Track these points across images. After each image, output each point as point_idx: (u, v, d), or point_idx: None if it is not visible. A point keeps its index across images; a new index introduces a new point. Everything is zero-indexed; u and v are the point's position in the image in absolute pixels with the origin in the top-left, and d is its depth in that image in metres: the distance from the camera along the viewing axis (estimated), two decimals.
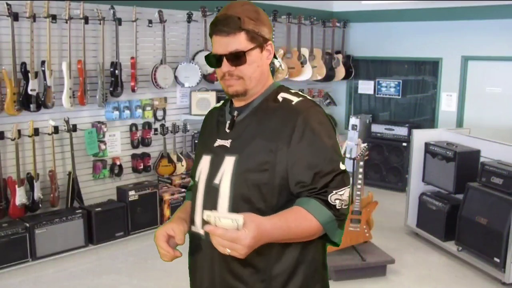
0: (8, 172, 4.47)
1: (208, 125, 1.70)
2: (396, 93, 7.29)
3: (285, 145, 1.46)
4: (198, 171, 1.61)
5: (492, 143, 4.75)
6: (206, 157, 1.60)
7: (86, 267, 4.41)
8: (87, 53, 4.78)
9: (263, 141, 1.49)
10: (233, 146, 1.53)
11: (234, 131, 1.56)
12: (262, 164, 1.48)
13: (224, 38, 1.48)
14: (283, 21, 6.56)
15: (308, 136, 1.46)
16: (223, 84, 1.56)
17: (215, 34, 1.51)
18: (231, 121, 1.57)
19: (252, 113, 1.55)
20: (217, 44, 1.50)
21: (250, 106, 1.57)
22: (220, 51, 1.49)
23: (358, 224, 4.31)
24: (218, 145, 1.57)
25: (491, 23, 6.27)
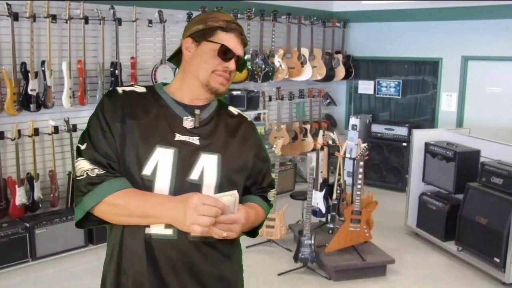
0: (8, 172, 4.47)
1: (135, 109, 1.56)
2: (396, 93, 7.29)
3: (252, 151, 1.67)
4: (150, 163, 1.51)
5: (492, 143, 4.75)
6: (165, 150, 1.52)
7: (86, 267, 4.40)
8: (87, 53, 4.78)
9: (239, 145, 1.63)
10: (206, 144, 1.57)
11: (199, 129, 1.58)
12: (241, 166, 1.63)
13: (239, 42, 1.60)
14: (283, 21, 6.56)
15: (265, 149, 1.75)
16: (214, 79, 1.57)
17: (234, 33, 1.59)
18: (197, 119, 1.59)
19: (215, 117, 1.64)
20: (233, 42, 1.58)
21: (208, 108, 1.64)
22: (237, 51, 1.59)
23: (358, 224, 4.31)
24: (180, 140, 1.54)
25: (491, 23, 6.27)
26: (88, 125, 1.57)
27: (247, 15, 6.04)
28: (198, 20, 1.61)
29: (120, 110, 1.54)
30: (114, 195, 1.47)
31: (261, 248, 4.86)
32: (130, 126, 1.53)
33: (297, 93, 6.85)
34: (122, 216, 1.49)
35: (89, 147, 1.52)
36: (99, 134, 1.52)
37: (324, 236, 4.64)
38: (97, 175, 1.48)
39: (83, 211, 1.49)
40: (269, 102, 6.75)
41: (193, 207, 1.38)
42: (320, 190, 4.80)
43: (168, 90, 1.64)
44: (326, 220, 4.86)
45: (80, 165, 1.51)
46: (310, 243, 4.28)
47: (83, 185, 1.49)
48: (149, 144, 1.52)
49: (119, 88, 1.61)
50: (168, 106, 1.59)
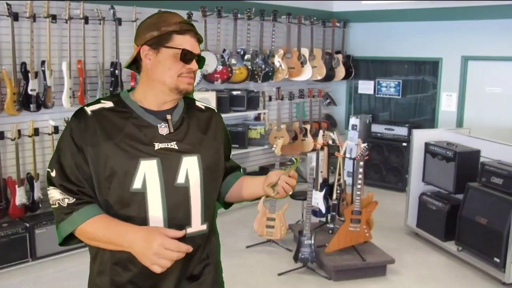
0: (8, 172, 4.47)
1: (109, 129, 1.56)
2: (396, 93, 7.29)
3: (221, 143, 1.77)
4: (138, 177, 1.54)
5: (492, 143, 4.75)
6: (149, 162, 1.54)
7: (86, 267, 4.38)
8: (87, 53, 4.78)
9: (212, 141, 1.72)
10: (185, 147, 1.62)
11: (174, 133, 1.63)
12: (218, 161, 1.74)
13: (195, 41, 1.64)
14: (283, 21, 6.56)
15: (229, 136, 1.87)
16: (182, 81, 1.61)
17: (189, 34, 1.62)
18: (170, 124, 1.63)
19: (185, 116, 1.69)
20: (191, 44, 1.61)
21: (177, 110, 1.68)
22: (195, 51, 1.62)
23: (358, 224, 4.31)
24: (160, 148, 1.58)
25: (491, 23, 6.27)
26: (57, 149, 1.58)
27: (247, 15, 6.04)
28: (150, 26, 1.62)
29: (92, 132, 1.54)
30: (84, 224, 1.52)
31: (261, 248, 4.86)
32: (108, 146, 1.53)
33: (297, 93, 6.85)
34: (94, 241, 1.56)
35: (58, 174, 1.54)
36: (69, 159, 1.54)
37: (324, 236, 4.64)
38: (68, 205, 1.53)
39: (61, 236, 1.57)
40: (269, 102, 6.75)
41: (155, 252, 1.43)
42: (320, 190, 4.80)
43: (135, 98, 1.64)
44: (326, 220, 4.87)
45: (52, 194, 1.55)
46: (310, 243, 4.28)
47: (57, 214, 1.56)
48: (132, 159, 1.54)
49: (87, 109, 1.60)
50: (140, 116, 1.61)
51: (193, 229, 1.61)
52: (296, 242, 4.55)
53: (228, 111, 6.00)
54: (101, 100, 1.64)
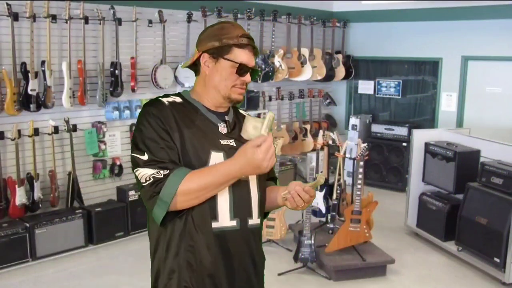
0: (8, 172, 4.47)
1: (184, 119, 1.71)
2: (396, 93, 7.29)
3: None
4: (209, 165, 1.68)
5: (492, 143, 4.75)
6: (217, 154, 1.70)
7: (86, 267, 4.40)
8: (87, 53, 4.78)
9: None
10: (240, 145, 1.70)
11: (231, 133, 1.78)
12: None
13: (252, 55, 1.78)
14: (283, 21, 6.56)
15: None
16: (234, 91, 1.75)
17: (248, 49, 1.75)
18: (228, 124, 1.78)
19: (236, 120, 1.83)
20: (248, 58, 1.75)
21: (230, 114, 1.82)
22: (251, 65, 1.76)
23: (358, 224, 4.31)
24: (224, 144, 1.73)
25: (491, 23, 6.27)
26: (142, 135, 1.66)
27: (247, 15, 6.04)
28: (213, 36, 1.73)
29: (173, 120, 1.68)
30: (184, 182, 1.60)
31: None
32: (187, 134, 1.68)
33: (297, 93, 6.85)
34: (201, 196, 1.64)
35: (152, 158, 1.63)
36: (161, 144, 1.64)
37: (324, 236, 4.64)
38: (164, 175, 1.61)
39: (165, 206, 1.62)
40: (269, 102, 6.75)
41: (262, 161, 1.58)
42: (320, 190, 4.80)
43: (196, 99, 1.78)
44: (326, 220, 4.87)
45: (143, 172, 1.64)
46: (310, 243, 4.28)
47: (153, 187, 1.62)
48: (205, 149, 1.69)
49: (163, 99, 1.74)
50: (204, 114, 1.76)
51: (253, 221, 1.76)
52: (296, 242, 4.55)
53: None
54: (170, 95, 1.78)
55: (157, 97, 1.77)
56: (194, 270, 1.69)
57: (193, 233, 1.68)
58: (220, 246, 1.70)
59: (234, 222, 1.72)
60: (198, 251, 1.68)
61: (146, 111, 1.70)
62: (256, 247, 1.81)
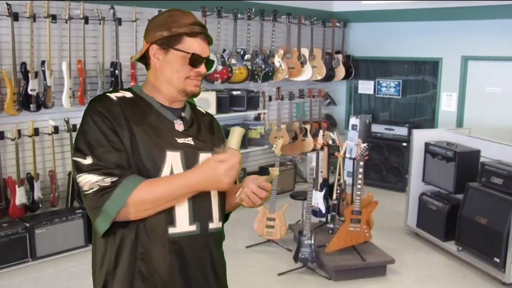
0: (8, 172, 4.47)
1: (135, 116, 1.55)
2: (396, 93, 7.29)
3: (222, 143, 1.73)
4: (166, 167, 1.54)
5: (492, 143, 4.75)
6: (174, 153, 1.55)
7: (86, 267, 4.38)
8: (87, 53, 4.78)
9: (218, 141, 1.71)
10: (200, 144, 1.64)
11: (188, 130, 1.64)
12: None
13: (206, 44, 1.63)
14: (283, 21, 6.56)
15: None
16: (189, 84, 1.61)
17: (200, 37, 1.61)
18: (186, 121, 1.65)
19: (194, 117, 1.71)
20: (201, 47, 1.61)
21: (187, 110, 1.70)
22: (204, 54, 1.62)
23: (358, 224, 4.31)
24: (181, 142, 1.59)
25: (491, 23, 6.27)
26: (85, 135, 1.49)
27: (247, 15, 6.04)
28: (161, 25, 1.59)
29: (122, 117, 1.51)
30: (135, 193, 1.46)
31: (261, 248, 4.86)
32: (138, 133, 1.52)
33: (297, 93, 6.84)
34: (151, 209, 1.50)
35: (96, 161, 1.46)
36: (106, 146, 1.47)
37: (324, 236, 4.64)
38: (111, 183, 1.45)
39: (109, 219, 1.47)
40: (269, 102, 6.75)
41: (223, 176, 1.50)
42: (320, 190, 4.80)
43: (149, 94, 1.64)
44: (326, 220, 4.87)
45: (87, 179, 1.47)
46: (310, 243, 4.28)
47: (97, 196, 1.46)
48: (160, 148, 1.54)
49: (111, 94, 1.57)
50: (158, 110, 1.61)
51: (214, 224, 1.63)
52: (296, 242, 4.55)
53: (228, 111, 6.00)
54: (119, 89, 1.64)
55: (104, 92, 1.61)
56: (146, 280, 1.54)
57: (145, 241, 1.52)
58: (177, 253, 1.55)
59: (194, 226, 1.57)
60: (151, 259, 1.53)
61: (91, 108, 1.53)
62: (217, 253, 1.67)
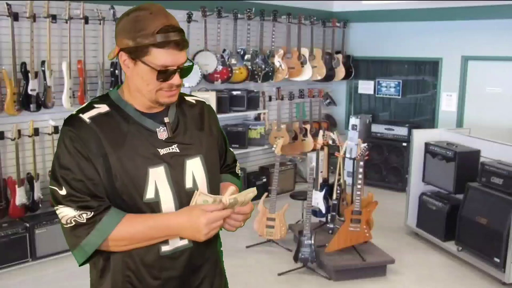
0: (8, 172, 4.47)
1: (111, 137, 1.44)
2: (396, 93, 7.29)
3: (218, 134, 1.71)
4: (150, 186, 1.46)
5: (492, 143, 4.75)
6: (156, 169, 1.47)
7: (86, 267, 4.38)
8: (87, 53, 4.79)
9: (209, 137, 1.64)
10: (186, 149, 1.54)
11: (173, 136, 1.54)
12: (217, 157, 1.69)
13: (179, 52, 1.44)
14: (283, 21, 6.56)
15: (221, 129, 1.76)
16: (162, 95, 1.47)
17: (171, 47, 1.41)
18: (169, 126, 1.53)
19: (180, 115, 1.59)
20: (171, 57, 1.42)
21: (170, 111, 1.57)
22: (175, 64, 1.44)
23: (358, 224, 4.31)
24: (165, 153, 1.50)
25: (491, 23, 6.27)
26: (58, 165, 1.42)
27: (247, 15, 6.04)
28: (126, 32, 1.42)
29: (96, 142, 1.42)
30: (115, 232, 1.42)
31: (261, 248, 4.85)
32: (113, 158, 1.43)
33: (297, 93, 6.84)
34: (130, 245, 1.46)
35: (70, 192, 1.40)
36: (79, 175, 1.40)
37: (324, 236, 4.64)
38: (87, 220, 1.40)
39: (85, 256, 1.45)
40: (269, 102, 6.75)
41: (205, 233, 1.44)
42: (320, 190, 4.80)
43: (128, 99, 1.51)
44: (326, 220, 4.87)
45: (64, 213, 1.42)
46: (310, 243, 4.28)
47: (74, 233, 1.42)
48: (140, 168, 1.45)
49: (84, 116, 1.44)
50: (137, 122, 1.50)
51: None
52: (296, 242, 4.55)
53: (228, 111, 6.00)
54: (93, 104, 1.50)
55: (78, 110, 1.47)
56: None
57: (133, 264, 1.49)
58: (169, 270, 1.52)
59: (186, 240, 1.52)
60: (141, 281, 1.50)
61: (62, 132, 1.44)
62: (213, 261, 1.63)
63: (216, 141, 1.69)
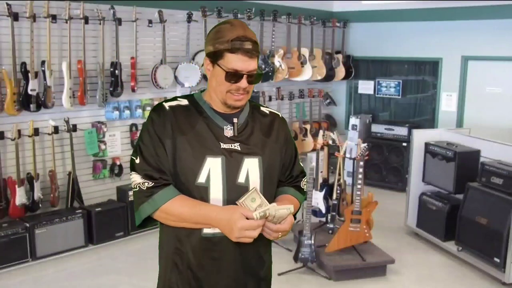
0: (8, 172, 4.47)
1: (183, 125, 1.70)
2: (396, 93, 7.29)
3: (286, 144, 1.85)
4: (203, 172, 1.67)
5: (492, 143, 4.75)
6: (214, 159, 1.67)
7: (86, 267, 4.40)
8: (87, 53, 4.78)
9: (274, 144, 1.79)
10: (247, 149, 1.72)
11: (238, 136, 1.73)
12: (277, 164, 1.81)
13: (248, 59, 1.66)
14: (283, 21, 6.56)
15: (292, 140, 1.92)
16: (230, 97, 1.69)
17: (240, 53, 1.64)
18: (236, 127, 1.73)
19: (250, 120, 1.78)
20: (241, 62, 1.65)
21: (243, 113, 1.78)
22: (244, 70, 1.66)
23: (358, 224, 4.31)
24: (225, 148, 1.69)
25: (491, 23, 6.27)
26: (140, 139, 1.72)
27: (247, 15, 6.04)
28: (210, 40, 1.70)
29: (169, 126, 1.68)
30: (167, 205, 1.65)
31: None
32: (180, 141, 1.67)
33: (297, 93, 6.85)
34: (177, 222, 1.68)
35: (142, 162, 1.67)
36: (151, 150, 1.67)
37: (324, 236, 4.64)
38: (147, 189, 1.66)
39: (140, 218, 1.70)
40: (269, 102, 6.75)
41: (237, 236, 1.59)
42: (320, 190, 4.80)
43: (206, 100, 1.76)
44: (326, 220, 4.87)
45: (133, 178, 1.69)
46: (310, 243, 4.28)
47: (138, 197, 1.69)
48: (200, 155, 1.67)
49: (166, 104, 1.73)
50: (209, 117, 1.73)
51: None
52: (296, 242, 4.55)
53: None
54: (177, 97, 1.79)
55: (163, 100, 1.78)
56: (180, 273, 1.73)
57: (181, 237, 1.72)
58: (208, 252, 1.71)
59: None
60: (185, 255, 1.72)
61: (149, 116, 1.74)
62: (253, 252, 1.77)
63: (281, 149, 1.82)
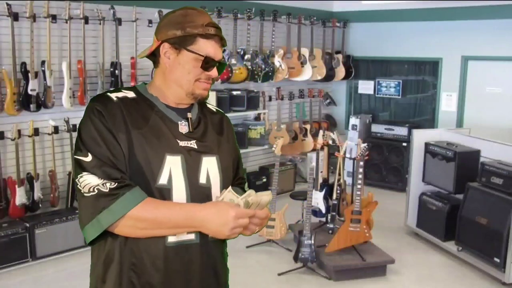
0: (8, 172, 4.47)
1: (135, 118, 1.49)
2: (396, 93, 7.29)
3: (234, 145, 1.74)
4: (164, 172, 1.48)
5: (492, 143, 4.75)
6: (174, 157, 1.50)
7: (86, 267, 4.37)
8: (87, 53, 4.78)
9: (227, 143, 1.68)
10: (203, 147, 1.58)
11: (193, 132, 1.58)
12: (232, 163, 1.70)
13: (219, 47, 1.57)
14: (283, 21, 6.56)
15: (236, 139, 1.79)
16: (198, 86, 1.55)
17: (214, 40, 1.55)
18: (191, 122, 1.59)
19: (201, 116, 1.65)
20: (214, 50, 1.55)
21: (194, 109, 1.63)
22: (216, 57, 1.55)
23: (358, 224, 4.31)
24: (183, 145, 1.53)
25: (491, 23, 6.27)
26: (85, 134, 1.45)
27: (247, 15, 6.04)
28: (175, 24, 1.53)
29: (120, 118, 1.46)
30: (137, 209, 1.40)
31: (261, 248, 4.85)
32: (136, 136, 1.47)
33: (297, 93, 6.84)
34: (147, 230, 1.44)
35: (95, 160, 1.41)
36: (102, 145, 1.42)
37: (324, 236, 4.64)
38: (110, 190, 1.39)
39: (100, 229, 1.42)
40: (269, 102, 6.75)
41: (232, 220, 1.43)
42: (320, 190, 4.80)
43: (154, 93, 1.58)
44: (326, 220, 4.87)
45: (87, 180, 1.41)
46: (310, 243, 4.28)
47: (95, 202, 1.40)
48: (158, 153, 1.48)
49: (111, 95, 1.52)
50: (162, 111, 1.55)
51: None
52: (296, 242, 4.55)
53: (228, 111, 6.00)
54: (121, 89, 1.58)
55: (106, 91, 1.56)
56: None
57: (138, 251, 1.47)
58: (172, 263, 1.49)
59: (193, 235, 1.51)
60: (144, 270, 1.48)
61: (89, 107, 1.49)
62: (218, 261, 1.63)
63: (232, 149, 1.72)
